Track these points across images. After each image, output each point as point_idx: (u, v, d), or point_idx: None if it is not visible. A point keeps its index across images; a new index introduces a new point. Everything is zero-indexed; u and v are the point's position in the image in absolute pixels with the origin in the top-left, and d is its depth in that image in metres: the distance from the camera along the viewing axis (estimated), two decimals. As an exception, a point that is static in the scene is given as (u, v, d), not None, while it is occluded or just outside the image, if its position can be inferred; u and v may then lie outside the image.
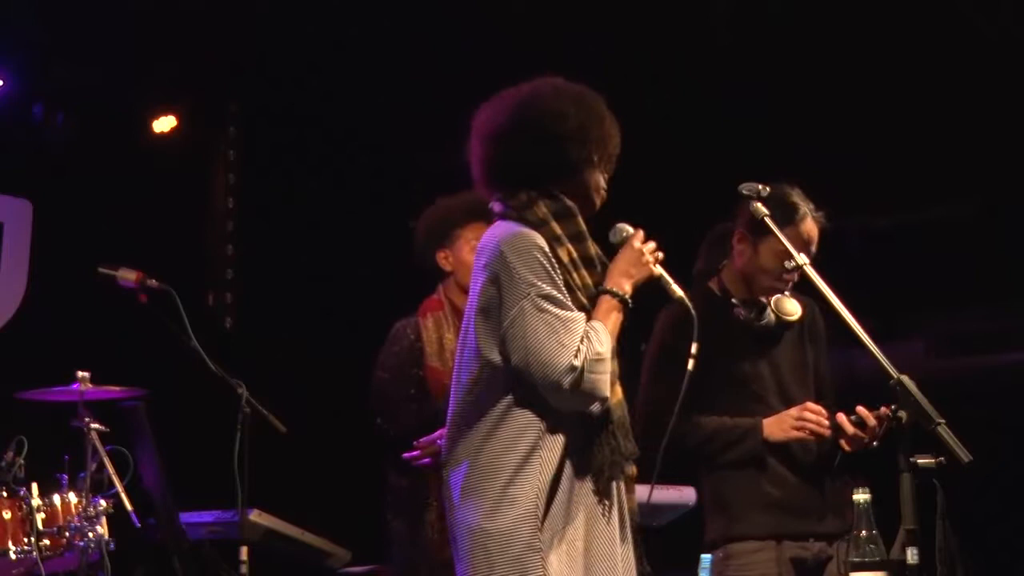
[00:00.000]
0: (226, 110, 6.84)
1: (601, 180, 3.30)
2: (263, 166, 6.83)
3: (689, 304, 3.14)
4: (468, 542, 3.10)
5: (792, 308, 3.82)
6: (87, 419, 4.59)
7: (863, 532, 3.04)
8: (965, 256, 6.02)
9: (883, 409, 3.41)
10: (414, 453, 4.02)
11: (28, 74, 6.07)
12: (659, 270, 3.22)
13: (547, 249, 3.14)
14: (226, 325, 6.71)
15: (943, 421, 2.97)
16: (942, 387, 3.24)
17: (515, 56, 5.99)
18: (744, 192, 3.51)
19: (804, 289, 3.70)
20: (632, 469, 3.23)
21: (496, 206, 3.26)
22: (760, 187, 3.50)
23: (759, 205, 3.48)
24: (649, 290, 3.25)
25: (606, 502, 3.14)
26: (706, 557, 3.80)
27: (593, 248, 3.25)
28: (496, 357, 3.14)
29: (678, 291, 3.21)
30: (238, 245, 6.81)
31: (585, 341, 3.08)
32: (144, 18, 5.87)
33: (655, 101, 3.39)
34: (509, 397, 3.13)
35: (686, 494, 4.87)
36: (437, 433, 3.78)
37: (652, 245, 3.24)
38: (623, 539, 3.17)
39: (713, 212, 4.01)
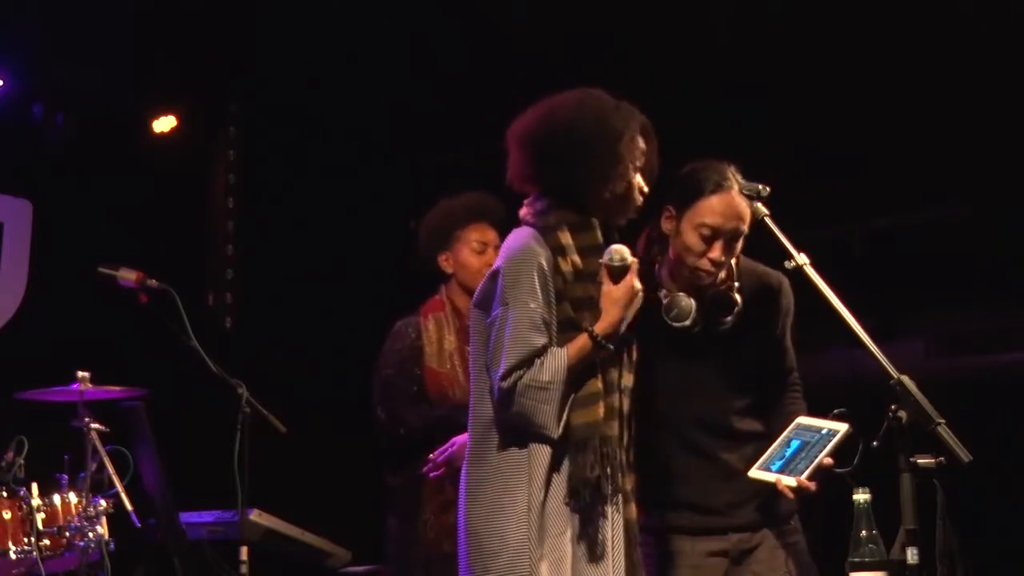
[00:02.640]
0: (226, 110, 6.84)
1: (632, 190, 3.26)
2: (263, 166, 6.83)
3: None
4: (466, 544, 3.15)
5: (682, 314, 3.41)
6: (87, 419, 4.59)
7: (863, 532, 3.03)
8: (965, 256, 6.01)
9: (801, 484, 3.19)
10: (428, 468, 3.92)
11: (28, 74, 6.07)
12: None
13: (544, 262, 3.14)
14: (226, 325, 6.71)
15: (943, 421, 2.97)
16: (942, 387, 3.24)
17: (515, 56, 6.00)
18: (744, 192, 3.47)
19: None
20: (629, 484, 3.22)
21: (521, 211, 3.30)
22: (760, 187, 3.47)
23: (759, 205, 3.45)
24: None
25: (587, 519, 3.13)
26: None
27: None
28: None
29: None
30: (238, 245, 6.81)
31: (530, 367, 3.08)
32: (144, 18, 5.87)
33: (655, 101, 3.36)
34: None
35: None
36: (447, 444, 3.75)
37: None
38: (615, 554, 3.16)
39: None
